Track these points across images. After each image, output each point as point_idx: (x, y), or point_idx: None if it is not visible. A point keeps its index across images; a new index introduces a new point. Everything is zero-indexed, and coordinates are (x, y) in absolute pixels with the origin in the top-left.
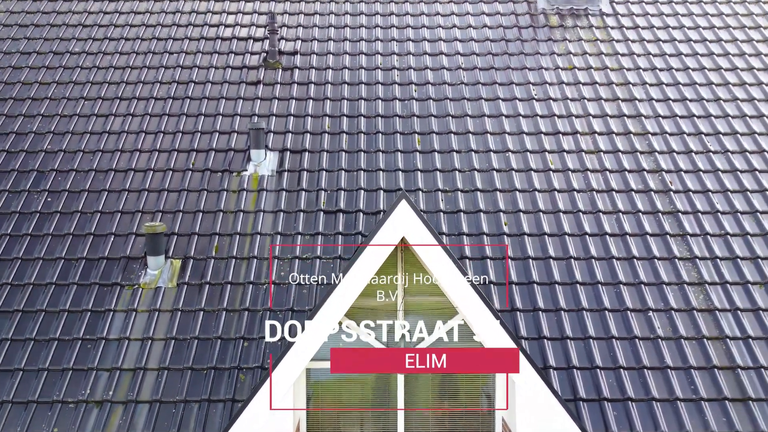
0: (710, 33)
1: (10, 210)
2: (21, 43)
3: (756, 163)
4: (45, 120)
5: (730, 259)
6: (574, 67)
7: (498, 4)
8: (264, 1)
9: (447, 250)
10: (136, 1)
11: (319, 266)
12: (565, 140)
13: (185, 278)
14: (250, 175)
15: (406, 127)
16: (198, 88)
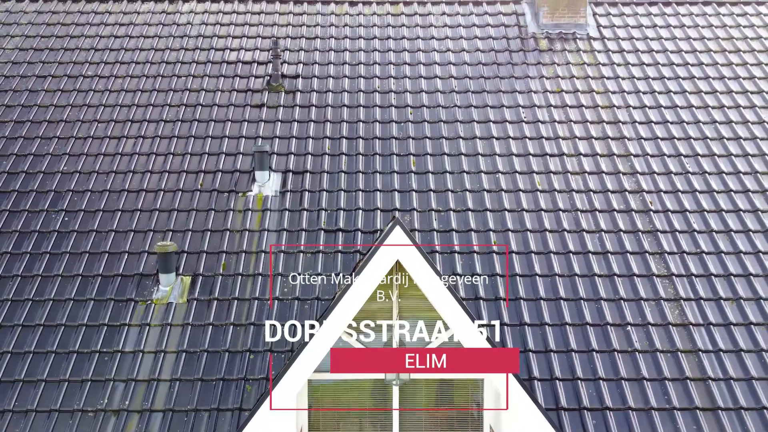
0: (692, 57)
1: (30, 229)
2: (36, 66)
3: (731, 184)
4: (61, 142)
5: (704, 276)
6: (561, 90)
7: (490, 28)
8: (267, 25)
9: (439, 273)
10: (145, 26)
11: (320, 284)
12: (552, 162)
13: (195, 294)
14: (254, 196)
15: (402, 149)
16: (205, 111)
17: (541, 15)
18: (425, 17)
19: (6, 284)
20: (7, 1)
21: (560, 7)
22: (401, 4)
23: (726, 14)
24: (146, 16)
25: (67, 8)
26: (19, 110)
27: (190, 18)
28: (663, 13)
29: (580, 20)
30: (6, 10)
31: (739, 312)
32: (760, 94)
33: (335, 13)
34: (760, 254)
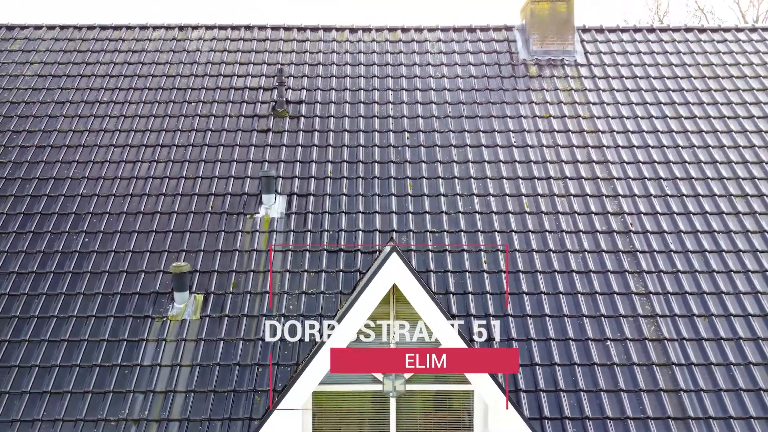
0: (673, 83)
1: (53, 249)
2: (55, 92)
3: (707, 206)
4: (80, 166)
5: (679, 294)
6: (549, 115)
7: (483, 55)
8: (272, 52)
9: (433, 297)
10: (157, 53)
11: (323, 300)
12: (540, 185)
13: (207, 311)
14: (261, 218)
15: (399, 173)
16: (215, 136)
17: (531, 42)
18: (422, 44)
19: (32, 302)
20: (26, 28)
21: (549, 35)
22: (399, 31)
23: (707, 41)
24: (157, 43)
25: (82, 35)
26: (40, 135)
27: (199, 45)
28: (647, 40)
29: (568, 47)
30: (25, 37)
31: (711, 328)
32: (736, 119)
33: (336, 40)
34: (732, 273)
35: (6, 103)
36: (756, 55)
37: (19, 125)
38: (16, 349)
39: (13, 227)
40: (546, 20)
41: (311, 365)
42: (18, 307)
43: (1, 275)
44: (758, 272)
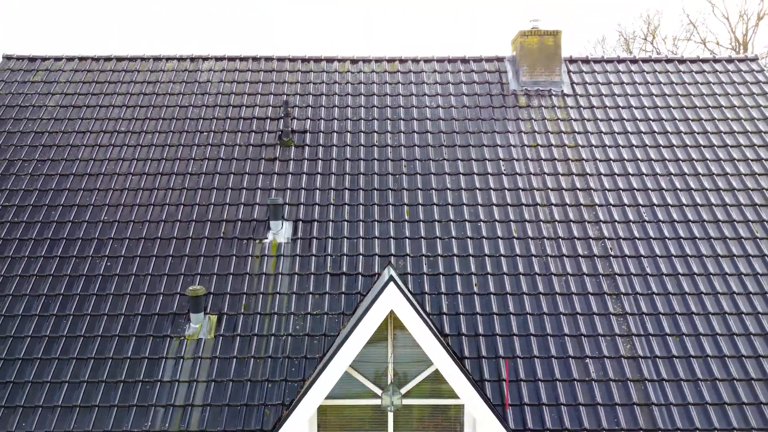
0: (653, 112)
1: (78, 273)
2: (76, 122)
3: (681, 232)
4: (101, 194)
5: (653, 315)
6: (537, 144)
7: (476, 85)
8: (278, 83)
9: (427, 322)
10: (170, 83)
11: (326, 321)
12: (527, 211)
13: (221, 331)
14: (269, 243)
15: (397, 200)
16: (225, 164)
17: (521, 73)
18: (418, 74)
19: (61, 322)
20: (47, 60)
21: (538, 66)
22: (397, 62)
23: (686, 71)
24: (171, 74)
25: (100, 67)
26: (63, 164)
27: (210, 76)
28: (630, 71)
29: (555, 78)
30: (47, 68)
31: (681, 346)
32: (711, 148)
33: (338, 71)
34: (702, 295)
35: (30, 132)
36: (731, 85)
37: (43, 154)
38: (47, 366)
39: (41, 252)
40: (535, 53)
41: (317, 382)
42: (48, 327)
43: (31, 297)
44: (726, 294)
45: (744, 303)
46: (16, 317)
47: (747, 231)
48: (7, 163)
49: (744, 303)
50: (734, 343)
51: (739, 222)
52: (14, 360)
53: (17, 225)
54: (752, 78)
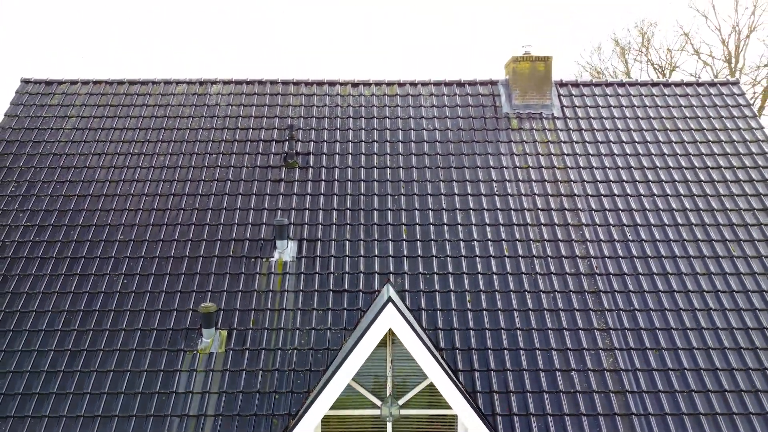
0: (638, 135)
1: (97, 290)
2: (92, 144)
3: (663, 250)
4: (116, 214)
5: (635, 330)
6: (528, 166)
7: (471, 108)
8: (283, 106)
9: (422, 339)
10: (180, 107)
11: (330, 336)
12: (518, 231)
13: (231, 345)
14: (276, 261)
15: (395, 220)
16: (234, 186)
17: (513, 97)
18: (416, 98)
19: (82, 337)
20: (63, 83)
21: (529, 90)
22: (396, 85)
23: (670, 95)
24: (181, 98)
25: (114, 90)
26: (81, 185)
27: (218, 99)
28: (617, 94)
29: (546, 101)
30: (63, 92)
31: (660, 360)
32: (692, 170)
33: (340, 94)
34: (681, 311)
35: (49, 155)
36: (713, 108)
37: (61, 176)
38: (70, 378)
39: (61, 270)
40: (526, 77)
41: (322, 395)
42: (69, 341)
43: (53, 313)
44: (703, 310)
45: (720, 318)
46: (40, 332)
47: (724, 250)
48: (27, 185)
49: (720, 318)
50: (710, 357)
51: (716, 241)
52: (39, 373)
53: (39, 244)
54: (733, 101)
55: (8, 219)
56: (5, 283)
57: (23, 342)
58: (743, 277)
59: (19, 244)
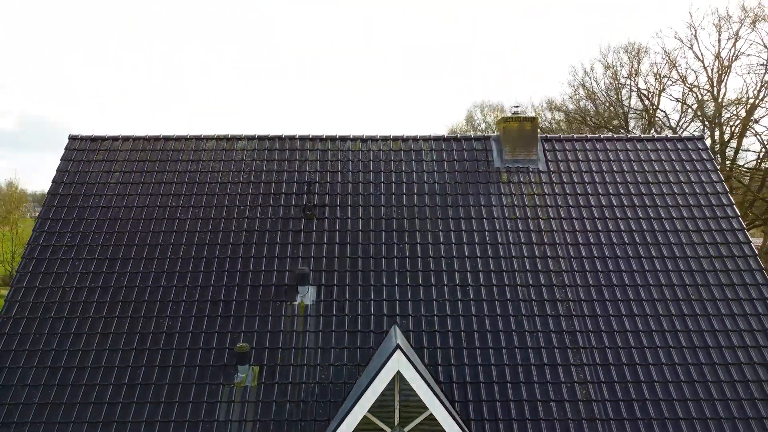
0: (613, 187)
1: (147, 331)
2: (134, 198)
3: (631, 294)
4: (159, 262)
5: (606, 365)
6: (516, 217)
7: (466, 163)
8: (301, 161)
9: (424, 378)
10: (210, 162)
11: (346, 371)
12: (507, 276)
13: (263, 379)
14: (298, 305)
15: (400, 267)
16: (260, 236)
17: (504, 153)
18: (418, 152)
19: (136, 372)
20: (106, 140)
21: (518, 147)
22: (400, 141)
23: (642, 150)
24: (210, 153)
25: (151, 146)
26: (127, 235)
27: (243, 155)
28: (595, 149)
29: (532, 156)
30: (106, 148)
31: (626, 392)
32: (659, 220)
33: (351, 149)
34: (645, 349)
35: (98, 208)
36: (680, 162)
37: (109, 227)
38: (129, 409)
39: (115, 312)
40: (515, 135)
41: (342, 425)
42: (126, 376)
43: (110, 351)
44: (663, 347)
45: (678, 355)
46: (99, 368)
47: (684, 293)
48: (81, 235)
49: (678, 355)
50: (667, 390)
51: (678, 285)
52: (102, 404)
53: (94, 290)
54: (697, 156)
55: (66, 267)
56: (68, 325)
57: (86, 376)
58: (699, 318)
59: (77, 290)
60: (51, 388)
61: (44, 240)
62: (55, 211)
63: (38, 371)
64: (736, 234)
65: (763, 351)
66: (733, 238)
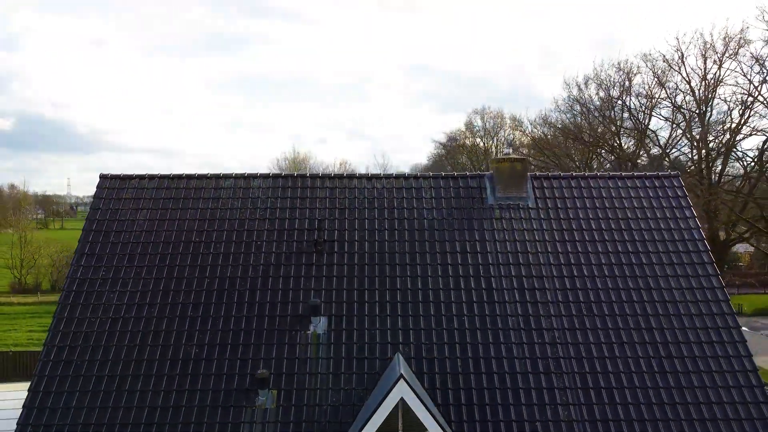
0: (595, 223)
1: (178, 358)
2: (161, 234)
3: (609, 323)
4: (186, 294)
5: (585, 389)
6: (508, 251)
7: (462, 200)
8: (312, 198)
9: (425, 403)
10: (229, 200)
11: (354, 394)
12: (498, 307)
13: (281, 402)
14: (311, 334)
15: (403, 298)
16: (276, 269)
17: (496, 190)
18: (418, 190)
19: (169, 396)
20: (134, 179)
21: (509, 185)
22: (402, 179)
23: (622, 187)
24: (229, 191)
25: (175, 185)
26: (156, 269)
27: (258, 192)
28: (580, 186)
29: (522, 194)
30: (134, 186)
31: (603, 413)
32: (637, 254)
33: (357, 187)
34: (621, 374)
35: (128, 243)
36: (656, 199)
37: (139, 261)
38: (163, 430)
39: (148, 341)
40: (506, 174)
41: None
42: (159, 400)
43: (145, 377)
44: (638, 372)
45: (650, 379)
46: (135, 392)
47: (658, 322)
48: (114, 269)
49: (650, 379)
50: (639, 411)
51: (651, 315)
52: (137, 425)
53: (128, 320)
54: (672, 193)
55: (102, 299)
56: (106, 353)
57: (124, 400)
58: (670, 345)
59: (113, 320)
60: (92, 410)
61: (81, 274)
62: (90, 246)
63: (81, 395)
64: (705, 267)
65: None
66: (702, 270)
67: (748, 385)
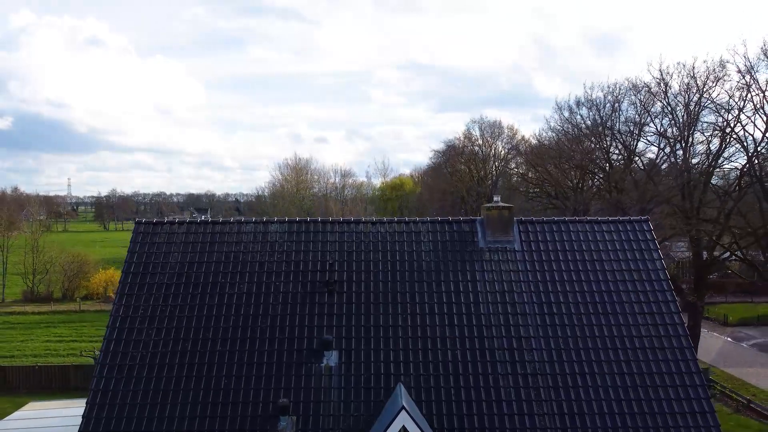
0: (573, 264)
1: (209, 387)
2: (191, 275)
3: (584, 356)
4: (214, 330)
5: (564, 415)
6: (495, 290)
7: (456, 243)
8: (323, 242)
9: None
10: (249, 243)
11: (362, 420)
12: (486, 342)
13: (299, 426)
14: (324, 366)
15: (404, 334)
16: (292, 307)
17: (486, 234)
18: (417, 234)
19: (203, 422)
20: (165, 224)
21: (498, 229)
22: (402, 223)
23: (599, 231)
24: (249, 236)
25: (202, 229)
26: (187, 307)
27: (276, 237)
28: (561, 230)
29: (509, 238)
30: (166, 231)
31: None
32: (609, 293)
33: (363, 232)
34: (592, 401)
35: (162, 284)
36: (628, 242)
37: (173, 300)
38: None
39: (182, 372)
40: (495, 220)
41: None
42: (195, 425)
43: (182, 405)
44: (615, 400)
45: (627, 406)
46: (174, 419)
47: (626, 355)
48: (151, 308)
49: (627, 406)
50: None
51: (620, 348)
52: None
53: (165, 354)
54: (642, 236)
55: (142, 335)
56: (148, 383)
57: (165, 426)
58: (635, 376)
59: (152, 354)
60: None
61: (122, 312)
62: (128, 287)
63: (127, 421)
64: (669, 305)
65: (689, 389)
66: (666, 308)
67: (701, 411)
